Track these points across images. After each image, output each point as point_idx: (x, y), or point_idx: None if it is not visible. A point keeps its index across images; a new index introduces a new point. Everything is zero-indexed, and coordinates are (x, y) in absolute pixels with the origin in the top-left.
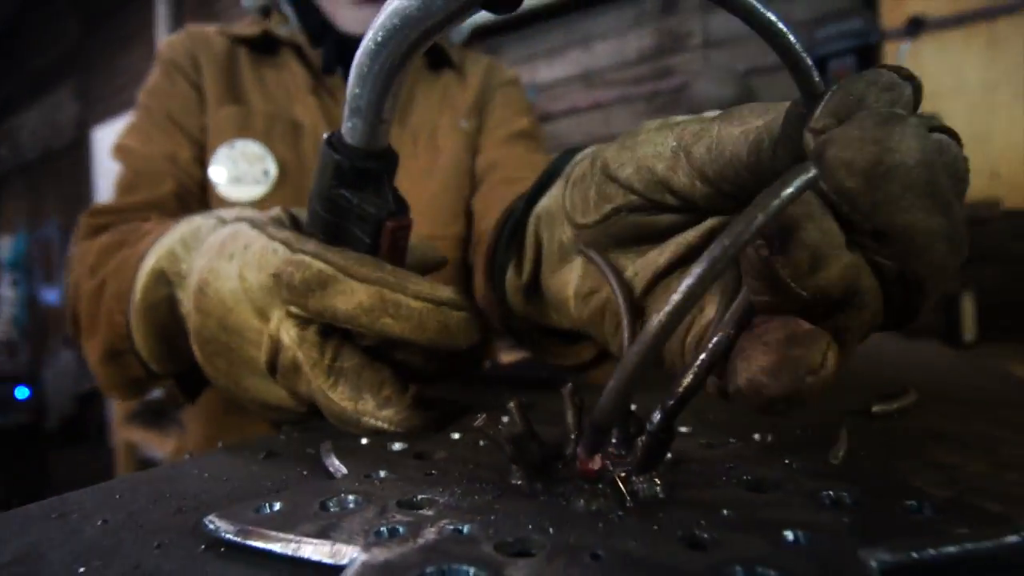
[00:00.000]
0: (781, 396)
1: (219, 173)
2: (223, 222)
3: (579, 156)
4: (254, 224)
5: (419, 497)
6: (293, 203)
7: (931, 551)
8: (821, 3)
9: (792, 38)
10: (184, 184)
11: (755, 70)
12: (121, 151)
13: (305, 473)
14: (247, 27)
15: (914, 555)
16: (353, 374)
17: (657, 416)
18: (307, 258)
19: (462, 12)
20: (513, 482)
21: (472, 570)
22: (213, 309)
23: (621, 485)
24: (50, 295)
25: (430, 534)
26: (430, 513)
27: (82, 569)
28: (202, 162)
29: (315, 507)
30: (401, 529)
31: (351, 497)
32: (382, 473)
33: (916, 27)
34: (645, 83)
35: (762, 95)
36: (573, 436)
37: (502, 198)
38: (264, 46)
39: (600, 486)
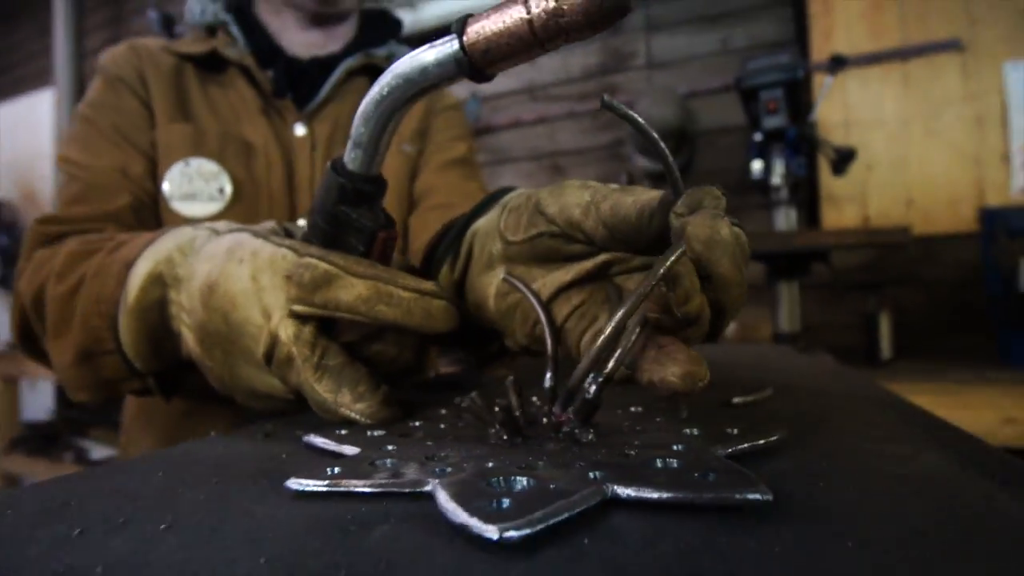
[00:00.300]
0: (683, 392)
1: (173, 189)
2: (217, 233)
3: (515, 192)
4: (256, 234)
5: (442, 453)
6: (246, 220)
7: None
8: (759, 31)
9: (668, 153)
10: (138, 197)
11: (694, 93)
12: (66, 163)
13: (315, 452)
14: (194, 45)
15: (731, 449)
16: (335, 371)
17: (592, 388)
18: (314, 260)
19: (450, 80)
20: (494, 440)
21: (524, 479)
22: (221, 306)
23: (574, 432)
24: None
25: (471, 468)
26: (457, 459)
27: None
28: (153, 176)
29: (367, 465)
30: (449, 468)
31: (388, 461)
32: (389, 447)
33: (837, 64)
34: (590, 100)
35: (702, 115)
36: (518, 412)
37: (435, 221)
38: (211, 65)
39: (561, 434)
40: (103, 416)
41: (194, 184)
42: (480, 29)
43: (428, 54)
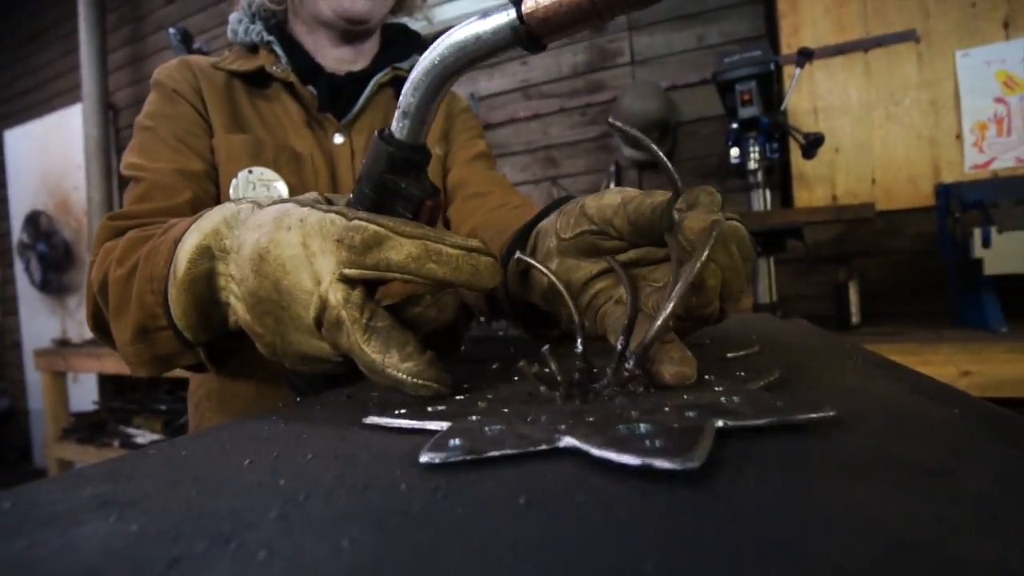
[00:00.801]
0: (671, 386)
1: (238, 196)
2: (260, 206)
3: (572, 202)
4: (302, 203)
5: (529, 419)
6: None
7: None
8: (732, 28)
9: (668, 163)
10: (199, 196)
11: (675, 87)
12: (131, 168)
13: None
14: (240, 62)
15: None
16: (384, 332)
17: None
18: (363, 223)
19: (503, 48)
20: (561, 402)
21: (644, 424)
22: (272, 273)
23: (632, 386)
24: None
25: (581, 424)
26: (552, 419)
27: (306, 455)
28: (212, 179)
29: (481, 431)
30: (562, 425)
31: (497, 426)
32: (473, 417)
33: (805, 56)
34: (579, 96)
35: (683, 107)
36: (561, 377)
37: (474, 208)
38: (258, 81)
39: (627, 387)
40: (144, 404)
41: (256, 191)
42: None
43: (484, 23)
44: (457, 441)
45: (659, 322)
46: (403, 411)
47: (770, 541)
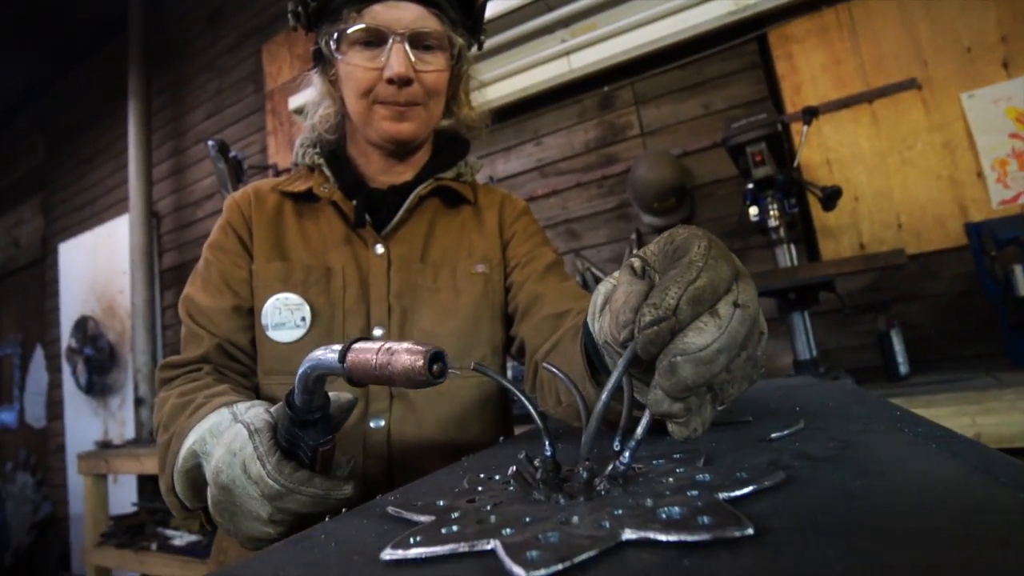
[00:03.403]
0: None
1: (268, 320)
2: (235, 419)
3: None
4: (249, 433)
5: (492, 518)
6: (325, 338)
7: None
8: (736, 93)
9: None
10: (220, 340)
11: (686, 153)
12: (184, 302)
13: (386, 528)
14: (297, 183)
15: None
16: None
17: (627, 455)
18: (271, 482)
19: (335, 375)
20: (538, 498)
21: (555, 533)
22: (224, 487)
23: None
24: (6, 415)
25: (518, 527)
26: (509, 519)
27: None
28: (242, 309)
29: (439, 531)
30: (509, 529)
31: (454, 527)
32: (454, 514)
33: (810, 114)
34: (594, 169)
35: (696, 171)
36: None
37: (549, 330)
38: (308, 198)
39: (594, 491)
40: None
41: (282, 315)
42: (353, 358)
43: (327, 355)
44: (535, 555)
45: (641, 428)
46: (419, 539)
47: None
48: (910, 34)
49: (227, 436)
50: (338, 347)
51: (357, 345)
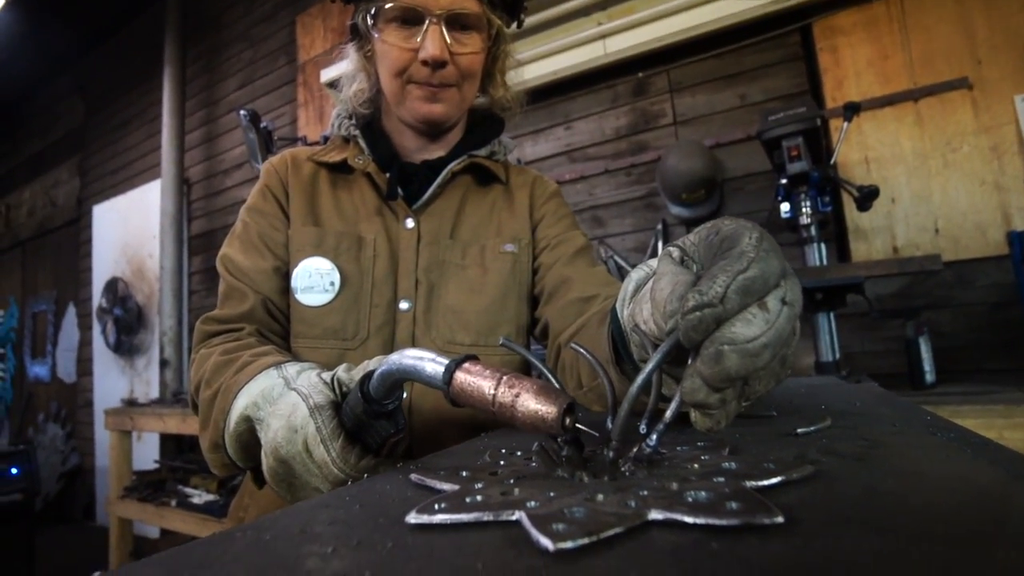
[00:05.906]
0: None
1: (298, 284)
2: (288, 385)
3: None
4: (310, 409)
5: (516, 491)
6: (352, 303)
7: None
8: (774, 85)
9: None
10: (263, 297)
11: (719, 144)
12: (223, 260)
13: (410, 494)
14: (331, 154)
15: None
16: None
17: (653, 438)
18: (336, 470)
19: (432, 386)
20: (561, 475)
21: (581, 508)
22: (283, 460)
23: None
24: (39, 369)
25: (544, 501)
26: (533, 493)
27: (330, 549)
28: (281, 271)
29: (464, 500)
30: (533, 502)
31: (479, 496)
32: (478, 485)
33: (852, 110)
34: (624, 157)
35: (728, 164)
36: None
37: (575, 314)
38: (342, 169)
39: (620, 471)
40: (202, 464)
41: (312, 279)
42: (462, 379)
43: (429, 365)
44: (561, 527)
45: (670, 413)
46: (444, 505)
47: None
48: (965, 31)
49: (283, 406)
50: (443, 360)
51: (468, 366)
